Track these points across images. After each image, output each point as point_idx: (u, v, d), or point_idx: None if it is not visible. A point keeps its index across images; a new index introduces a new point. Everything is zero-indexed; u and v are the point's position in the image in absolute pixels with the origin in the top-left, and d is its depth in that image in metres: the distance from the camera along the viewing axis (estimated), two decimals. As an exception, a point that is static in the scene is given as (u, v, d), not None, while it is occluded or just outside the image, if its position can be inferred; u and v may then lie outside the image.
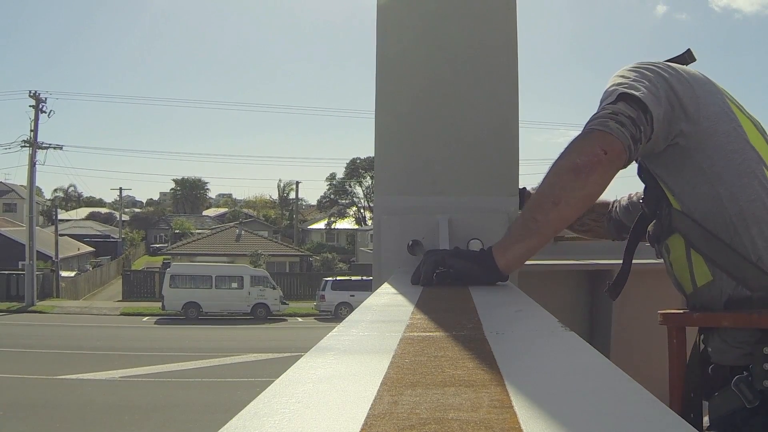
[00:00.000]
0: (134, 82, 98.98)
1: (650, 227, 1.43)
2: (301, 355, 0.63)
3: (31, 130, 26.74)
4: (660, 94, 1.28)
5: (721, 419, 1.27)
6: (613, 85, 1.30)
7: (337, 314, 21.98)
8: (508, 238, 1.28)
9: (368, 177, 45.94)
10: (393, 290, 1.23)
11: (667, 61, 1.46)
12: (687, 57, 1.49)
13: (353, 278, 25.36)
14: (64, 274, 29.42)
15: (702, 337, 1.36)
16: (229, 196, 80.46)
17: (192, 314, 22.92)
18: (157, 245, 49.82)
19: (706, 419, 1.33)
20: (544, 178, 1.26)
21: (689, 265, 1.33)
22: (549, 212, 1.23)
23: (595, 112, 1.28)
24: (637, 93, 1.25)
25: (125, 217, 54.00)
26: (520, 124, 1.77)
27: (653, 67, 1.35)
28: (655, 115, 1.25)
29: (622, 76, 1.32)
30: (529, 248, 1.27)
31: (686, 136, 1.30)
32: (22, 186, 39.03)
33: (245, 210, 60.94)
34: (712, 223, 1.28)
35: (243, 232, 36.60)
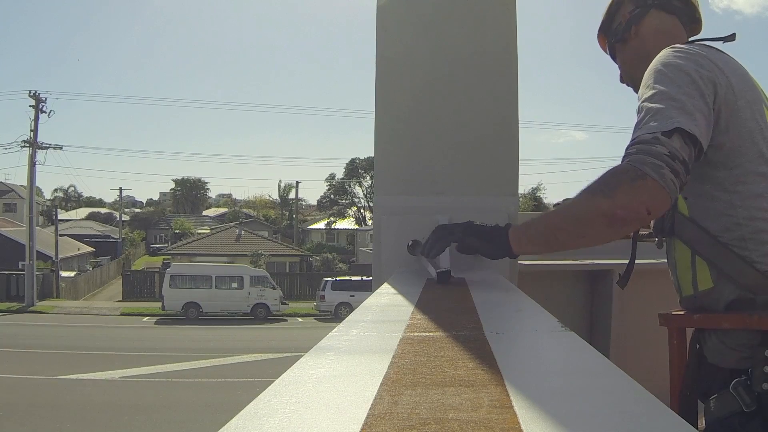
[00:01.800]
0: (134, 82, 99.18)
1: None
2: (301, 355, 0.63)
3: (31, 130, 26.74)
4: (710, 113, 1.22)
5: (717, 422, 1.26)
6: (663, 95, 1.20)
7: (337, 314, 21.98)
8: (524, 234, 1.31)
9: (368, 177, 45.95)
10: (393, 290, 1.23)
11: (712, 41, 1.40)
12: (730, 38, 1.44)
13: (353, 278, 25.33)
14: (64, 274, 29.40)
15: (697, 336, 1.36)
16: (229, 196, 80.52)
17: (192, 314, 22.91)
18: (157, 245, 49.80)
19: (701, 420, 1.32)
20: (579, 202, 1.20)
21: (692, 269, 1.32)
22: (571, 239, 1.25)
23: (643, 128, 1.17)
24: (695, 130, 1.15)
25: (125, 217, 54.02)
26: (520, 124, 1.77)
27: (703, 70, 1.24)
28: (704, 147, 1.19)
29: (671, 80, 1.22)
30: (540, 252, 1.35)
31: (716, 149, 1.25)
32: (22, 186, 39.05)
33: (245, 210, 60.97)
34: (724, 237, 1.27)
35: (243, 232, 36.57)
